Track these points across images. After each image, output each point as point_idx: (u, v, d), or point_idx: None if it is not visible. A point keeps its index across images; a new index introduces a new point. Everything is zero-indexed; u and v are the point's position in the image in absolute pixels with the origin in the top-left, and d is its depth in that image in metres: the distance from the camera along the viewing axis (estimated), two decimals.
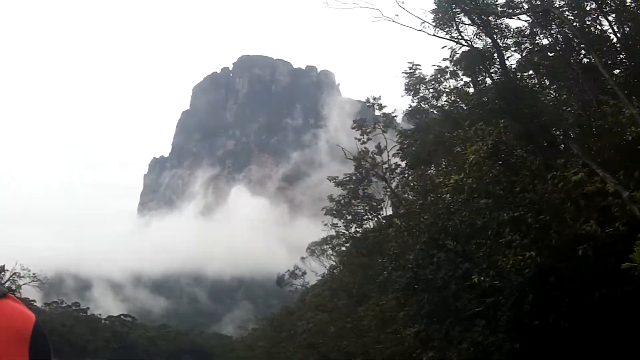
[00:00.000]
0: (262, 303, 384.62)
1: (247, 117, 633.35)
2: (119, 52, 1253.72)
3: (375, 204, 70.79)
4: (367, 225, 72.95)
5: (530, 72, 38.72)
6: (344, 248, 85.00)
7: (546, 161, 29.43)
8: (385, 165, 64.79)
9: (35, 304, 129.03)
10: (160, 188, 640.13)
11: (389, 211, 71.07)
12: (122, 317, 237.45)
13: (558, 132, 33.19)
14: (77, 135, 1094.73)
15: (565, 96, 34.27)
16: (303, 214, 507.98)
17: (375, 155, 65.82)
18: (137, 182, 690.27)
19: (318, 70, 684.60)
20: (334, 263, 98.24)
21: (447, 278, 31.77)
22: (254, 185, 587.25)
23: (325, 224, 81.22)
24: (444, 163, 42.61)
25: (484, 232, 28.94)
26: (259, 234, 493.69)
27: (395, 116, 66.53)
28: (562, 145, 32.51)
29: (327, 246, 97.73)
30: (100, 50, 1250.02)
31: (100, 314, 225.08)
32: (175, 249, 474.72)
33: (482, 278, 27.34)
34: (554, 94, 35.52)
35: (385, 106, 66.86)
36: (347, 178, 70.18)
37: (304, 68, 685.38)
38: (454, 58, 41.69)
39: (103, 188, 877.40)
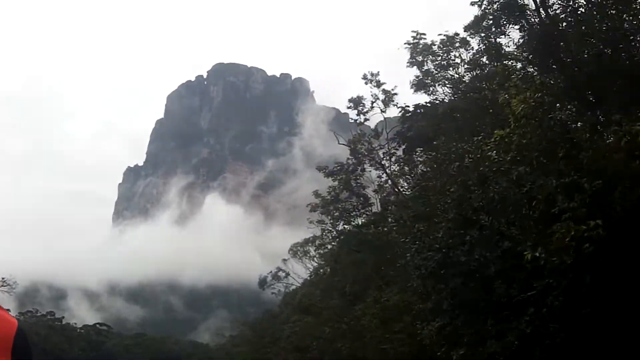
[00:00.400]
0: (237, 311, 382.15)
1: (221, 125, 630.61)
2: (93, 60, 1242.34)
3: (365, 198, 67.73)
4: (356, 222, 70.03)
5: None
6: (330, 247, 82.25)
7: (598, 118, 26.34)
8: (383, 150, 61.30)
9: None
10: (135, 197, 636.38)
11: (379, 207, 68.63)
12: (97, 325, 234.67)
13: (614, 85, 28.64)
14: (52, 143, 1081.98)
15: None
16: (278, 221, 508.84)
17: (371, 139, 62.34)
18: (112, 191, 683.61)
19: (292, 78, 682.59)
20: (317, 264, 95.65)
21: (484, 260, 27.48)
22: (229, 193, 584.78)
23: (311, 222, 77.86)
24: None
25: (527, 203, 25.71)
26: (233, 242, 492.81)
27: (396, 94, 62.45)
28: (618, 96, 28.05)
29: (310, 246, 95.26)
30: (75, 58, 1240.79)
31: (75, 323, 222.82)
32: (150, 258, 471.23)
33: (537, 254, 22.78)
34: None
35: (384, 83, 62.73)
36: (339, 167, 66.90)
37: (278, 75, 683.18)
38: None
39: (78, 197, 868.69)
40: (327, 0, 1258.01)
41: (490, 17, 38.61)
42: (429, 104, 55.74)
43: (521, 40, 34.37)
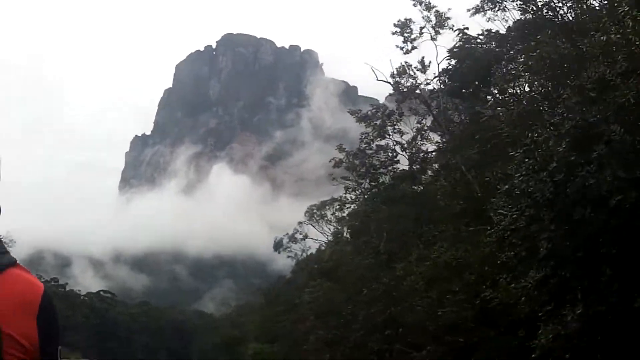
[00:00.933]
0: (243, 282, 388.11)
1: (230, 96, 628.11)
2: (102, 30, 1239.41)
3: (393, 153, 61.92)
4: (383, 179, 64.62)
5: None
6: (353, 207, 77.21)
7: None
8: (430, 87, 53.62)
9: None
10: (142, 165, 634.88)
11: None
12: (101, 293, 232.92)
13: None
14: (61, 113, 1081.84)
15: None
16: (285, 193, 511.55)
17: (417, 72, 54.54)
18: (120, 160, 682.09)
19: (302, 50, 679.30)
20: (335, 229, 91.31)
21: (618, 183, 20.68)
22: (236, 163, 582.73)
23: (334, 178, 72.43)
24: None
25: None
26: (240, 213, 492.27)
27: (449, 18, 53.84)
28: None
29: (328, 209, 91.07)
30: (83, 28, 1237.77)
31: (79, 290, 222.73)
32: (156, 227, 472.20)
33: None
34: None
35: (435, 6, 54.38)
36: (374, 109, 60.58)
37: (287, 47, 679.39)
38: None
39: (85, 166, 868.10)
40: None
41: None
42: (483, 35, 48.06)
43: None
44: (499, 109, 37.66)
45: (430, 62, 52.63)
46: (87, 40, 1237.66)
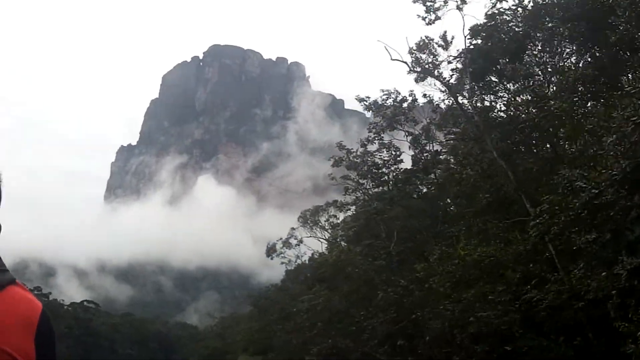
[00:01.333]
0: (227, 294, 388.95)
1: (216, 107, 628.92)
2: (89, 41, 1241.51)
3: (397, 151, 58.93)
4: (385, 178, 61.76)
5: None
6: (353, 209, 74.27)
7: None
8: (452, 66, 48.23)
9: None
10: (127, 175, 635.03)
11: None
12: (85, 303, 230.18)
13: None
14: (46, 121, 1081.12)
15: None
16: (270, 205, 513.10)
17: (438, 48, 49.21)
18: (105, 170, 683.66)
19: (289, 62, 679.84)
20: (329, 234, 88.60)
21: None
22: (222, 175, 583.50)
23: (333, 178, 69.40)
24: None
25: None
26: (225, 224, 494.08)
27: None
28: None
29: (321, 215, 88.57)
30: (71, 36, 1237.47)
31: (63, 300, 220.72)
32: (141, 237, 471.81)
33: None
34: None
35: None
36: (386, 94, 57.19)
37: (274, 59, 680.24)
38: None
39: (70, 174, 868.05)
40: None
41: None
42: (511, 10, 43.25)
43: None
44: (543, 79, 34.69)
45: (453, 38, 47.55)
46: (74, 50, 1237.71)
